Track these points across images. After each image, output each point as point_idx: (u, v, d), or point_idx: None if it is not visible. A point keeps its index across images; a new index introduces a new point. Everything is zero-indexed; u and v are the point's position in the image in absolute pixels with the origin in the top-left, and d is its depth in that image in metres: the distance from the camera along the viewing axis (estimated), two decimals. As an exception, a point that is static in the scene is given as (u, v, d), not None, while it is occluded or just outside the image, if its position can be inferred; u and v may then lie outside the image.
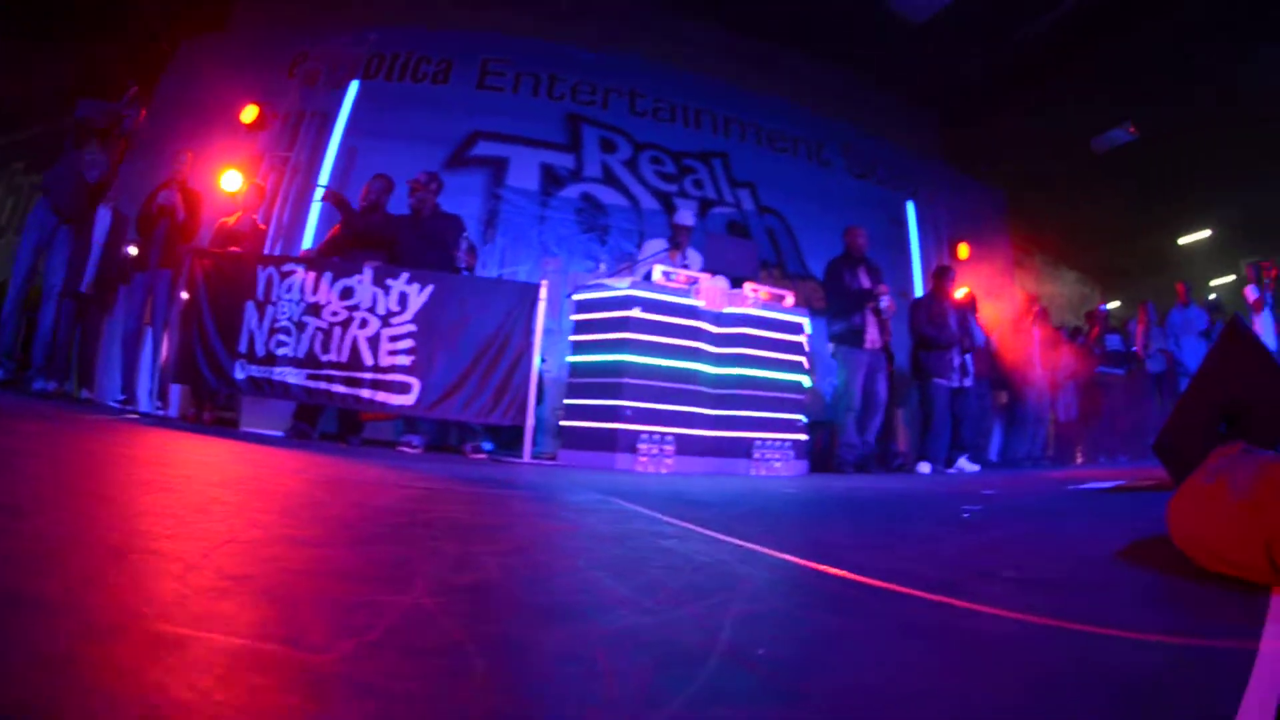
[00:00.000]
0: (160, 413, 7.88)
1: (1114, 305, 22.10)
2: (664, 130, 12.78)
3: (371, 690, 0.94)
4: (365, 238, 7.72)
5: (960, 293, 11.00)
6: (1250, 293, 12.99)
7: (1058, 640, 1.45)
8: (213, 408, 8.05)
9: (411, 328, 7.00)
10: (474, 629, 1.23)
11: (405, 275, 7.09)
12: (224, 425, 7.90)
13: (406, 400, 6.95)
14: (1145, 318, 14.79)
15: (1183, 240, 21.41)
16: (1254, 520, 1.66)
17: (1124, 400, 14.16)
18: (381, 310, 7.02)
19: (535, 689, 1.04)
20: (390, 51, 11.16)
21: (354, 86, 10.69)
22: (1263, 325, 12.60)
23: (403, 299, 7.04)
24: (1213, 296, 15.50)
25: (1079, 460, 13.60)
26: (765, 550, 2.33)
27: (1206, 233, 21.02)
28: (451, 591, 1.50)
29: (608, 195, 11.82)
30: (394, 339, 7.00)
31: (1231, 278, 20.37)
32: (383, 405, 7.01)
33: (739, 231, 12.79)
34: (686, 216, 9.28)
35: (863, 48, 14.07)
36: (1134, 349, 14.73)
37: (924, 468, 9.85)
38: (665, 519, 3.05)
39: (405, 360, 6.97)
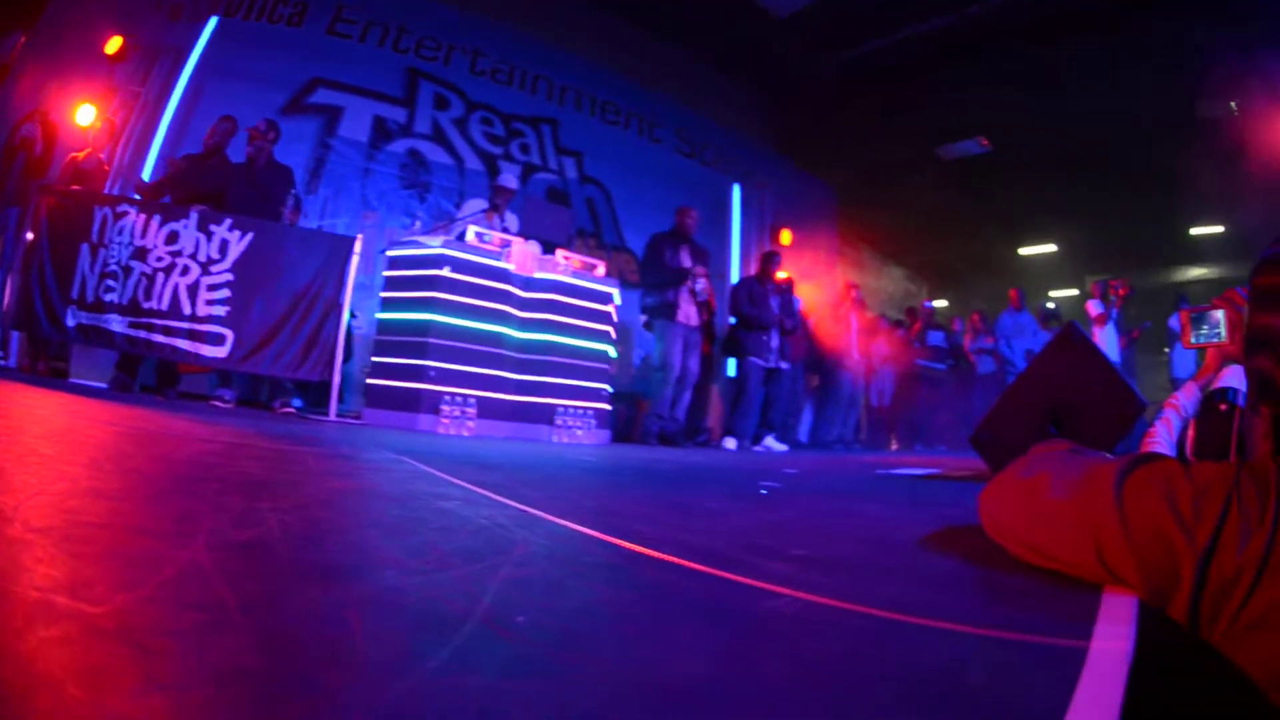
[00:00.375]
0: (1, 362, 8.05)
1: (940, 303, 23.16)
2: (499, 92, 13.08)
3: (138, 644, 0.98)
4: (198, 188, 7.76)
5: (780, 276, 11.49)
6: (1093, 308, 13.87)
7: (850, 624, 1.43)
8: (46, 357, 7.97)
9: (229, 276, 7.04)
10: (241, 586, 1.28)
11: (228, 221, 7.14)
12: (56, 375, 7.88)
13: (220, 352, 7.01)
14: (972, 321, 15.93)
15: (1024, 251, 22.65)
16: (1082, 520, 1.64)
17: (945, 394, 15.10)
18: (202, 257, 7.04)
19: (288, 648, 1.07)
20: (255, -12, 11.07)
21: (212, 22, 10.47)
22: (1105, 339, 13.36)
23: (223, 246, 7.08)
24: (1051, 305, 16.46)
25: (894, 447, 14.60)
26: (547, 516, 2.36)
27: (1051, 247, 22.29)
28: (228, 548, 1.56)
29: (434, 153, 12.11)
30: (212, 288, 7.02)
31: (1074, 292, 21.67)
32: (197, 357, 7.04)
33: (559, 199, 13.24)
34: (509, 180, 9.53)
35: (717, 33, 14.58)
36: (960, 346, 15.74)
37: (729, 444, 10.32)
38: (453, 481, 3.11)
39: (221, 310, 7.02)
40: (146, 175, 9.43)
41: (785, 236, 15.11)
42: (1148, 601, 1.47)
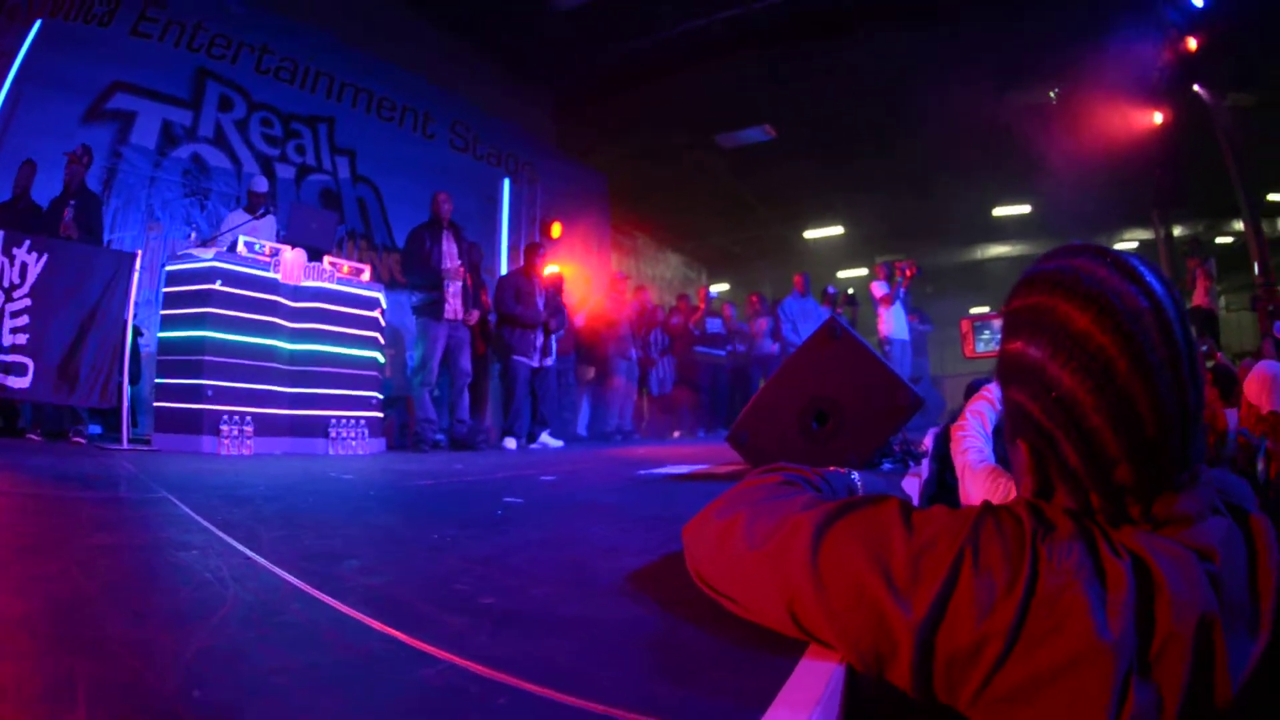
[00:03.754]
0: None
1: (722, 288, 25.41)
2: (280, 90, 13.63)
3: None
4: None
5: (549, 271, 12.42)
6: (877, 289, 15.63)
7: (491, 701, 1.35)
8: None
9: (28, 302, 7.27)
10: (17, 666, 1.41)
11: (28, 243, 7.35)
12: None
13: (24, 383, 7.26)
14: (751, 303, 17.25)
15: (810, 234, 24.60)
16: (775, 579, 1.56)
17: (725, 379, 16.55)
18: (6, 282, 7.20)
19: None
20: (76, -13, 11.03)
21: (37, 25, 10.51)
22: (893, 320, 15.34)
23: (24, 270, 7.29)
24: (850, 291, 18.14)
25: (676, 435, 15.69)
26: (265, 563, 2.45)
27: (838, 229, 24.23)
28: (5, 624, 1.67)
29: (215, 157, 12.55)
30: (14, 314, 7.22)
31: (864, 271, 23.74)
32: (5, 389, 7.24)
33: (331, 201, 14.01)
34: (261, 183, 10.12)
35: (496, 24, 15.73)
36: (738, 331, 17.13)
37: (510, 444, 11.02)
38: (201, 523, 3.23)
39: (23, 339, 7.24)
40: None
41: (555, 229, 16.41)
42: (857, 668, 1.45)
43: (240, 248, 8.26)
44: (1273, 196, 18.81)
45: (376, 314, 9.43)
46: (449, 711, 1.34)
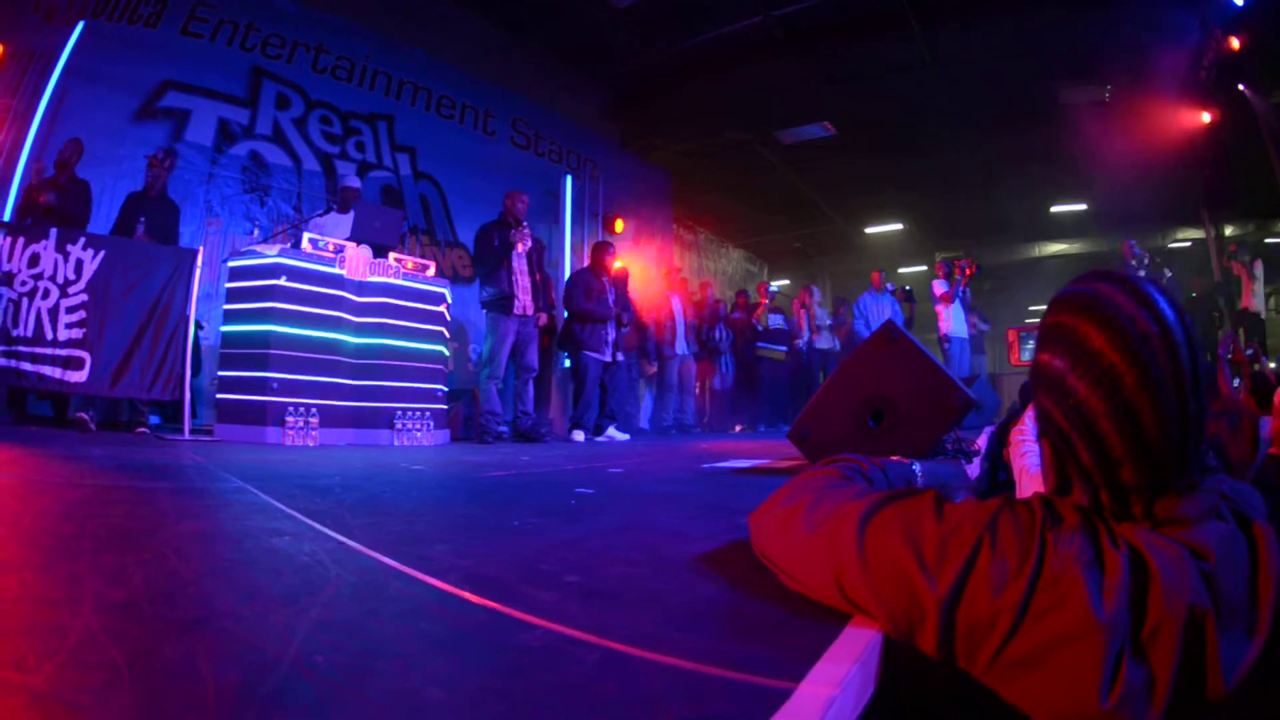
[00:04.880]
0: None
1: (782, 283, 25.12)
2: (338, 89, 13.61)
3: (67, 702, 1.18)
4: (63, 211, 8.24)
5: (616, 266, 12.23)
6: (938, 287, 15.29)
7: (585, 658, 1.52)
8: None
9: (84, 297, 7.26)
10: (123, 646, 1.43)
11: (82, 240, 7.35)
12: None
13: (81, 377, 7.26)
14: (809, 299, 17.04)
15: (871, 230, 24.25)
16: (827, 558, 1.78)
17: (786, 375, 16.33)
18: (60, 279, 7.22)
19: (162, 697, 1.24)
20: (119, -12, 11.04)
21: (80, 26, 10.45)
22: (952, 318, 14.98)
23: (79, 266, 7.27)
24: (907, 287, 17.26)
25: (737, 429, 15.56)
26: (359, 547, 2.55)
27: (898, 225, 23.91)
28: (108, 609, 1.69)
29: (274, 154, 12.49)
30: (70, 310, 7.23)
31: (923, 268, 23.56)
32: (62, 383, 7.28)
33: (393, 197, 13.94)
34: (354, 179, 10.29)
35: (556, 22, 15.39)
36: (797, 327, 16.92)
37: (578, 436, 11.10)
38: (286, 511, 3.29)
39: (78, 333, 7.24)
40: (12, 196, 9.59)
41: (618, 225, 16.34)
42: (892, 635, 1.64)
43: (305, 245, 8.28)
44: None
45: (442, 309, 9.49)
46: (551, 668, 1.50)
